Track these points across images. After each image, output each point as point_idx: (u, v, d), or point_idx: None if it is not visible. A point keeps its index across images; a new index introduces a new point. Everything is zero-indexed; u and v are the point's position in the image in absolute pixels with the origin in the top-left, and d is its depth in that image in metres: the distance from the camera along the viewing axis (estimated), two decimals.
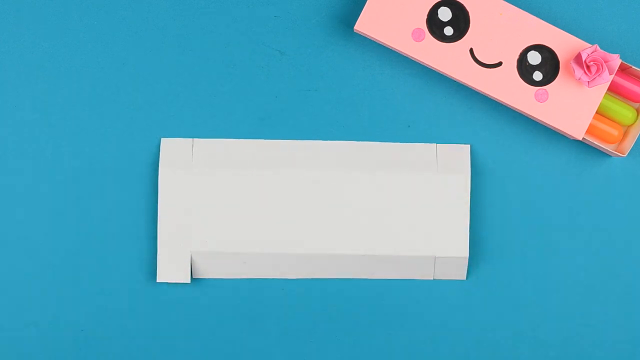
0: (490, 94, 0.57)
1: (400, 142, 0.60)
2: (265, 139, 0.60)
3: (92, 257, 0.60)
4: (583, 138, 0.57)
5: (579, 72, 0.56)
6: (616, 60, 0.56)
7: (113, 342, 0.60)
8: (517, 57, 0.57)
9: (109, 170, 0.60)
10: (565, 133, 0.57)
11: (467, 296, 0.60)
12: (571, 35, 0.57)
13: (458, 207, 0.60)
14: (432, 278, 0.60)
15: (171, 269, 0.60)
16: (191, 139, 0.60)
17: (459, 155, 0.60)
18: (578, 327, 0.60)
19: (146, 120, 0.60)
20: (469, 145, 0.60)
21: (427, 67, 0.59)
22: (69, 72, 0.60)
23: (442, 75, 0.59)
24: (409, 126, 0.60)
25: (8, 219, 0.60)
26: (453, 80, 0.59)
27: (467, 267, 0.60)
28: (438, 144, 0.60)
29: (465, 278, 0.60)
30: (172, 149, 0.60)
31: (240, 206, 0.60)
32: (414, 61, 0.59)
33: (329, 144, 0.60)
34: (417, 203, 0.60)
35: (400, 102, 0.60)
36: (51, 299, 0.60)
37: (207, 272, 0.60)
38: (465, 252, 0.59)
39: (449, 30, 0.57)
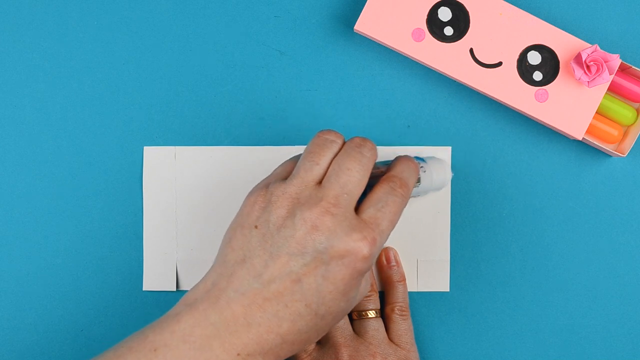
0: (490, 94, 0.57)
1: (400, 142, 0.60)
2: (265, 138, 0.60)
3: (78, 264, 0.60)
4: (583, 138, 0.57)
5: (579, 72, 0.56)
6: (616, 60, 0.56)
7: (99, 350, 0.59)
8: (517, 57, 0.57)
9: (97, 176, 0.60)
10: (565, 133, 0.57)
11: (465, 300, 0.60)
12: (571, 35, 0.57)
13: (439, 210, 0.60)
14: (415, 284, 0.60)
15: (157, 277, 0.60)
16: (174, 147, 0.60)
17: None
18: (578, 328, 0.60)
19: (145, 123, 0.60)
20: (449, 148, 0.60)
21: (427, 67, 0.59)
22: (63, 75, 0.60)
23: (442, 75, 0.59)
24: (408, 126, 0.60)
25: None
26: (453, 80, 0.59)
27: (449, 270, 0.60)
28: (420, 147, 0.60)
29: (448, 280, 0.60)
30: (155, 158, 0.60)
31: (225, 214, 0.60)
32: (414, 61, 0.59)
33: None
34: None
35: (400, 102, 0.60)
36: (37, 308, 0.60)
37: (193, 280, 0.60)
38: (446, 255, 0.60)
39: (449, 30, 0.57)
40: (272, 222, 0.46)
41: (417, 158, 0.56)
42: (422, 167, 0.55)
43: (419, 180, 0.54)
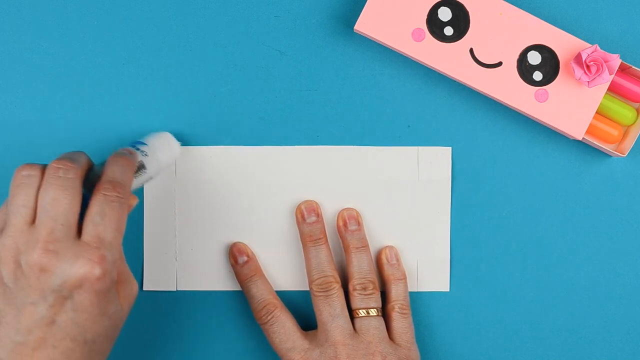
0: (490, 94, 0.57)
1: (400, 142, 0.60)
2: (265, 138, 0.60)
3: None
4: (583, 138, 0.57)
5: (579, 72, 0.56)
6: (616, 60, 0.56)
7: None
8: (517, 57, 0.57)
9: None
10: (565, 133, 0.57)
11: (465, 300, 0.60)
12: (571, 35, 0.57)
13: (439, 210, 0.60)
14: (415, 284, 0.60)
15: (157, 277, 0.60)
16: None
17: (440, 158, 0.60)
18: (578, 328, 0.60)
19: (146, 123, 0.60)
20: (449, 148, 0.60)
21: (427, 67, 0.59)
22: (63, 75, 0.60)
23: (442, 75, 0.59)
24: (409, 126, 0.60)
25: None
26: (453, 80, 0.59)
27: (449, 270, 0.60)
28: (420, 147, 0.60)
29: (448, 280, 0.60)
30: None
31: (225, 214, 0.60)
32: (414, 61, 0.59)
33: (310, 149, 0.60)
34: (398, 207, 0.60)
35: (400, 102, 0.60)
36: None
37: (193, 280, 0.60)
38: (446, 255, 0.60)
39: (449, 30, 0.57)
40: (6, 278, 0.46)
41: (137, 142, 0.55)
42: (143, 151, 0.54)
43: (144, 167, 0.53)
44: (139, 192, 0.60)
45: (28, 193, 0.47)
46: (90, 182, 0.49)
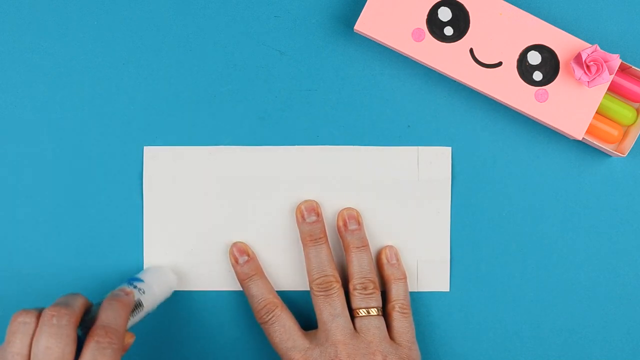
0: (490, 94, 0.57)
1: (400, 142, 0.60)
2: (265, 138, 0.60)
3: (78, 264, 0.60)
4: (583, 138, 0.57)
5: (579, 72, 0.56)
6: (616, 60, 0.56)
7: None
8: (517, 57, 0.57)
9: (97, 176, 0.60)
10: (565, 133, 0.58)
11: (465, 300, 0.60)
12: (571, 35, 0.57)
13: (439, 210, 0.60)
14: (415, 284, 0.60)
15: None
16: (174, 147, 0.60)
17: (440, 158, 0.60)
18: (578, 328, 0.60)
19: (145, 123, 0.60)
20: (449, 148, 0.60)
21: (427, 67, 0.59)
22: (63, 75, 0.60)
23: (442, 75, 0.59)
24: (409, 126, 0.60)
25: None
26: (453, 80, 0.59)
27: (449, 270, 0.60)
28: (420, 147, 0.60)
29: (448, 280, 0.60)
30: (155, 158, 0.59)
31: (225, 214, 0.60)
32: (414, 61, 0.59)
33: (310, 149, 0.60)
34: (398, 207, 0.60)
35: (400, 102, 0.60)
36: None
37: (193, 280, 0.60)
38: (446, 255, 0.60)
39: (449, 30, 0.57)
40: None
41: (133, 279, 0.56)
42: (140, 289, 0.55)
43: (141, 305, 0.54)
44: (139, 193, 0.60)
45: (22, 341, 0.47)
46: (87, 323, 0.49)
